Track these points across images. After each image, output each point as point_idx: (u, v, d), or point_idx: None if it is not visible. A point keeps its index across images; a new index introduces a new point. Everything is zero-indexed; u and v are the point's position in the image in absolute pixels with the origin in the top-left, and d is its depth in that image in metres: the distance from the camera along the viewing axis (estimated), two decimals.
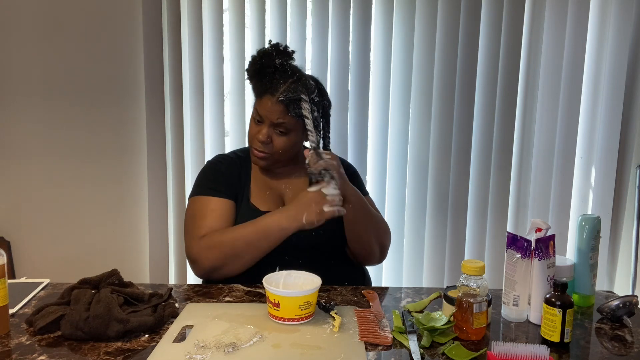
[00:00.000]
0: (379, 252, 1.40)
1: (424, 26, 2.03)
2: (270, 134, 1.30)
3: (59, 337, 0.98)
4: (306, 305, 1.03)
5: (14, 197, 2.10)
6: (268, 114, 1.28)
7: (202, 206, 1.32)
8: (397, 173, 2.11)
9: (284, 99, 1.26)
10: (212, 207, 1.31)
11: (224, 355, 0.91)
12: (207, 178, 1.39)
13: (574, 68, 2.05)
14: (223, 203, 1.32)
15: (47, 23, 2.00)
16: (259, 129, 1.31)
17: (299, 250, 1.32)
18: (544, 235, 1.08)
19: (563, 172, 2.11)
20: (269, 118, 1.29)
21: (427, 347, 0.96)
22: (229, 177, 1.37)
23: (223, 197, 1.33)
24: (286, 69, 1.29)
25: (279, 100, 1.26)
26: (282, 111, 1.27)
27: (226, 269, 1.26)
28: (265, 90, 1.28)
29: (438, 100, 2.06)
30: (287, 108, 1.27)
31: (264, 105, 1.29)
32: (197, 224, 1.30)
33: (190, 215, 1.34)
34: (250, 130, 1.34)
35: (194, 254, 1.27)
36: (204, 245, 1.26)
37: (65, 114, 2.05)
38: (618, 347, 1.00)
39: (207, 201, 1.33)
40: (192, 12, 2.00)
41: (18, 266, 2.12)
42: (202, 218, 1.30)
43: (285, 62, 1.30)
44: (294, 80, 1.28)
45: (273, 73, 1.28)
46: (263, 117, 1.29)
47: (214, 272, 1.27)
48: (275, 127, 1.30)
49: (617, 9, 2.03)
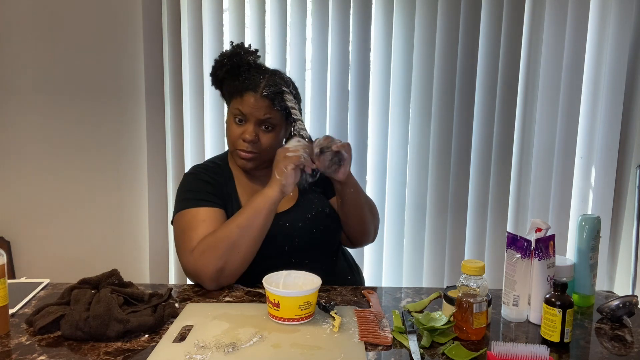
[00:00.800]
0: (374, 230, 1.47)
1: (424, 26, 2.03)
2: (257, 131, 1.29)
3: (59, 337, 0.98)
4: (306, 305, 1.03)
5: (14, 197, 2.10)
6: (253, 111, 1.26)
7: (191, 219, 1.24)
8: (397, 173, 2.11)
9: (268, 94, 1.25)
10: (202, 218, 1.23)
11: (224, 355, 0.91)
12: (190, 190, 1.30)
13: (574, 68, 2.06)
14: (213, 212, 1.25)
15: (47, 23, 2.00)
16: (243, 128, 1.28)
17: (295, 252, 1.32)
18: (544, 235, 1.08)
19: (563, 172, 2.11)
20: (255, 115, 1.27)
21: (427, 347, 0.96)
22: (214, 185, 1.31)
23: (212, 206, 1.26)
24: (259, 65, 1.31)
25: (263, 95, 1.26)
26: (268, 106, 1.27)
27: (229, 266, 1.19)
28: (245, 88, 1.27)
29: (438, 100, 2.06)
30: (273, 102, 1.26)
31: (247, 103, 1.26)
32: (188, 237, 1.22)
33: (180, 232, 1.25)
34: (233, 132, 1.29)
35: (191, 268, 1.20)
36: (197, 253, 1.19)
37: (65, 114, 2.05)
38: (618, 347, 1.00)
39: (195, 213, 1.24)
40: (192, 12, 2.00)
41: (18, 266, 2.12)
42: (192, 230, 1.22)
43: (256, 58, 1.31)
44: (271, 75, 1.29)
45: (248, 70, 1.28)
46: (247, 115, 1.27)
47: (220, 274, 1.19)
48: (261, 124, 1.29)
49: (617, 9, 2.03)
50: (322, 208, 1.37)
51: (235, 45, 1.33)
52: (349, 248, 1.51)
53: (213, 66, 1.34)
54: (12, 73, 2.02)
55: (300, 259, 1.31)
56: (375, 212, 1.47)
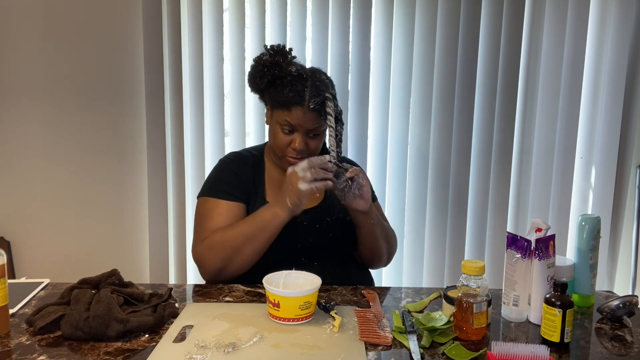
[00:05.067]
0: (387, 258, 1.46)
1: (424, 26, 2.03)
2: (305, 140, 1.30)
3: (59, 337, 0.98)
4: (306, 305, 1.03)
5: (14, 197, 2.10)
6: (302, 123, 1.28)
7: (210, 208, 1.32)
8: (397, 173, 2.11)
9: (314, 106, 1.25)
10: (219, 211, 1.31)
11: (224, 355, 0.91)
12: (218, 179, 1.38)
13: (574, 68, 2.05)
14: (232, 206, 1.32)
15: (47, 23, 2.00)
16: (291, 138, 1.30)
17: (307, 252, 1.32)
18: (544, 235, 1.08)
19: (563, 172, 2.11)
20: (304, 127, 1.28)
21: (427, 347, 0.96)
22: (240, 178, 1.37)
23: (233, 200, 1.32)
24: (300, 73, 1.29)
25: (310, 109, 1.26)
26: (315, 118, 1.27)
27: (230, 268, 1.25)
28: (291, 102, 1.26)
29: (438, 100, 2.06)
30: (319, 113, 1.27)
31: (295, 116, 1.27)
32: (203, 226, 1.31)
33: (198, 217, 1.35)
34: (280, 140, 1.31)
35: (197, 256, 1.29)
36: (206, 246, 1.26)
37: (65, 113, 2.05)
38: (618, 347, 1.00)
39: (216, 204, 1.32)
40: (192, 12, 2.00)
41: (18, 266, 2.12)
42: (209, 220, 1.30)
43: (296, 65, 1.30)
44: (313, 82, 1.28)
45: (290, 82, 1.27)
46: (296, 126, 1.28)
47: (220, 273, 1.26)
48: (309, 133, 1.30)
49: (617, 9, 2.03)
50: (344, 215, 1.36)
51: (270, 49, 1.30)
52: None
53: (251, 73, 1.33)
54: (12, 73, 2.02)
55: (309, 260, 1.31)
56: (392, 242, 1.45)
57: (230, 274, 1.26)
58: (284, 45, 1.32)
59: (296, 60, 1.33)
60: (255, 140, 2.05)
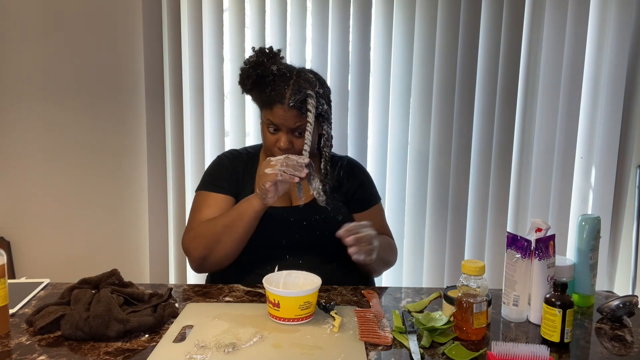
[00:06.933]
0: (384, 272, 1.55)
1: (424, 26, 2.03)
2: (290, 139, 1.32)
3: (59, 337, 0.98)
4: (306, 305, 1.03)
5: (14, 197, 2.10)
6: (284, 122, 1.29)
7: (202, 201, 1.38)
8: (397, 173, 2.11)
9: (294, 104, 1.26)
10: (209, 203, 1.36)
11: (224, 355, 0.91)
12: (210, 173, 1.44)
13: (574, 68, 2.05)
14: (220, 198, 1.37)
15: (47, 23, 2.00)
16: (276, 137, 1.32)
17: (292, 250, 1.32)
18: (544, 235, 1.08)
19: (563, 172, 2.11)
20: (286, 125, 1.30)
21: (427, 347, 0.97)
22: (231, 173, 1.41)
23: (222, 193, 1.37)
24: (284, 72, 1.30)
25: (290, 107, 1.26)
26: (296, 115, 1.28)
27: (212, 257, 1.29)
28: (272, 101, 1.28)
29: (438, 100, 2.06)
30: (300, 110, 1.27)
31: (276, 115, 1.29)
32: (193, 217, 1.37)
33: (192, 208, 1.41)
34: (267, 139, 1.35)
35: (184, 245, 1.34)
36: (191, 236, 1.32)
37: (65, 113, 2.05)
38: (618, 347, 1.00)
39: (207, 196, 1.38)
40: (192, 12, 1.99)
41: (18, 266, 2.12)
42: (198, 212, 1.36)
43: (280, 64, 1.31)
44: (295, 80, 1.29)
45: (273, 81, 1.29)
46: (279, 125, 1.30)
47: (203, 262, 1.31)
48: (293, 131, 1.31)
49: (617, 9, 2.03)
50: (335, 214, 1.36)
51: (257, 51, 1.32)
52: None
53: (240, 75, 1.35)
54: (12, 73, 2.02)
55: (295, 257, 1.31)
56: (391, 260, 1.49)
57: (213, 263, 1.31)
58: (271, 47, 1.33)
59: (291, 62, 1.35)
60: (255, 140, 2.05)
